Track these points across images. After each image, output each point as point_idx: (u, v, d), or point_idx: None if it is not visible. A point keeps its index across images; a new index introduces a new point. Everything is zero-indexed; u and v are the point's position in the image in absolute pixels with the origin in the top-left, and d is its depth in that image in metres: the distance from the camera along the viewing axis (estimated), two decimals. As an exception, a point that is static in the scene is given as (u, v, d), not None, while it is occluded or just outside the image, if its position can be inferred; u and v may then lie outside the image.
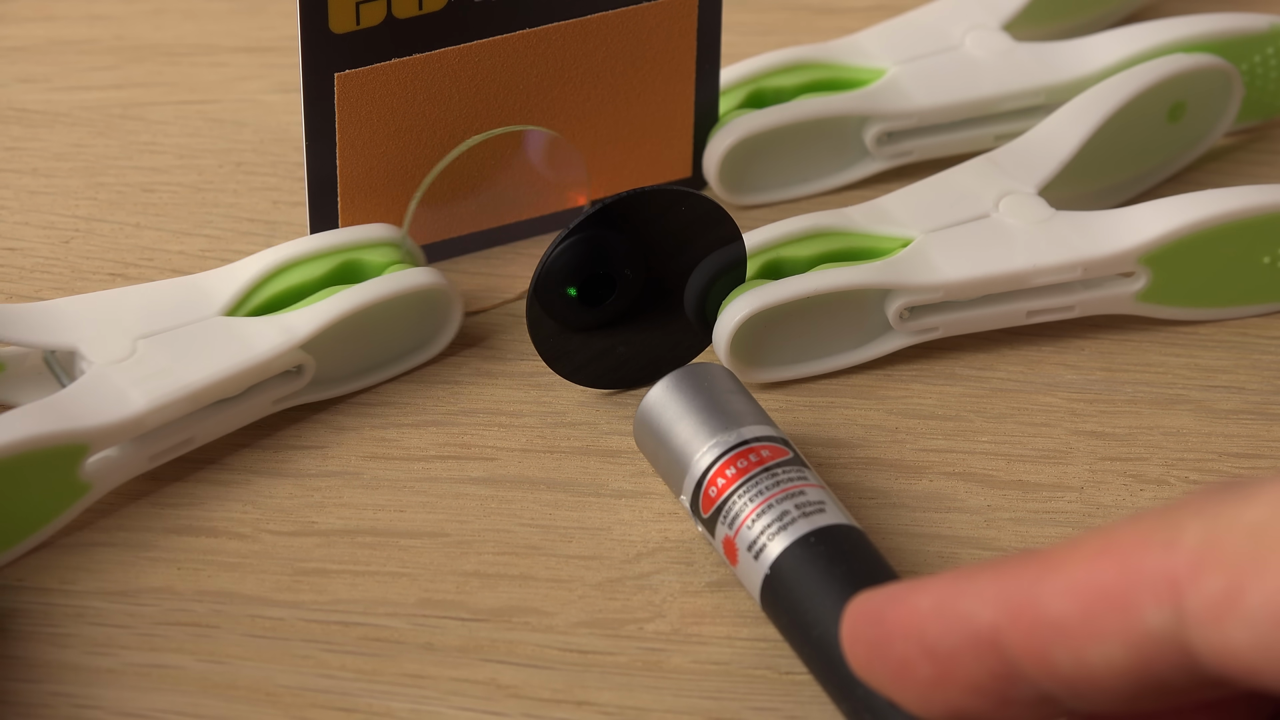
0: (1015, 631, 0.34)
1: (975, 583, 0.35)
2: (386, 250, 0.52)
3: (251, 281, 0.51)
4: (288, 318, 0.50)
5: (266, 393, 0.50)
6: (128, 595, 0.47)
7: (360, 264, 0.52)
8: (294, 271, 0.52)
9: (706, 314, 0.52)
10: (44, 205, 0.58)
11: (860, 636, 0.37)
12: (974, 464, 0.50)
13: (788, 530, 0.44)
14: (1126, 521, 0.34)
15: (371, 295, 0.51)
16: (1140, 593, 0.33)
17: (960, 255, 0.52)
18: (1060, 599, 0.34)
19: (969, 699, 0.35)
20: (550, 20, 0.53)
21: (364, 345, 0.52)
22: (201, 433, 0.49)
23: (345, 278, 0.52)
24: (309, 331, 0.50)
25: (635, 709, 0.44)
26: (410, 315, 0.52)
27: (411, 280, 0.51)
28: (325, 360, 0.51)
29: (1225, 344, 0.54)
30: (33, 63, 0.63)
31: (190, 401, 0.48)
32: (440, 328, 0.53)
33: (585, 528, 0.49)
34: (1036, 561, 0.35)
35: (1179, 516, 0.33)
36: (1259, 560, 0.31)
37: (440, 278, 0.52)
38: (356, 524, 0.49)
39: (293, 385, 0.51)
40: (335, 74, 0.52)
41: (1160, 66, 0.57)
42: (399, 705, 0.44)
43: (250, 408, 0.50)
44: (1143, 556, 0.33)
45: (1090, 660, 0.33)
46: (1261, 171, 0.60)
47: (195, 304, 0.51)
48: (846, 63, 0.59)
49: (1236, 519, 0.32)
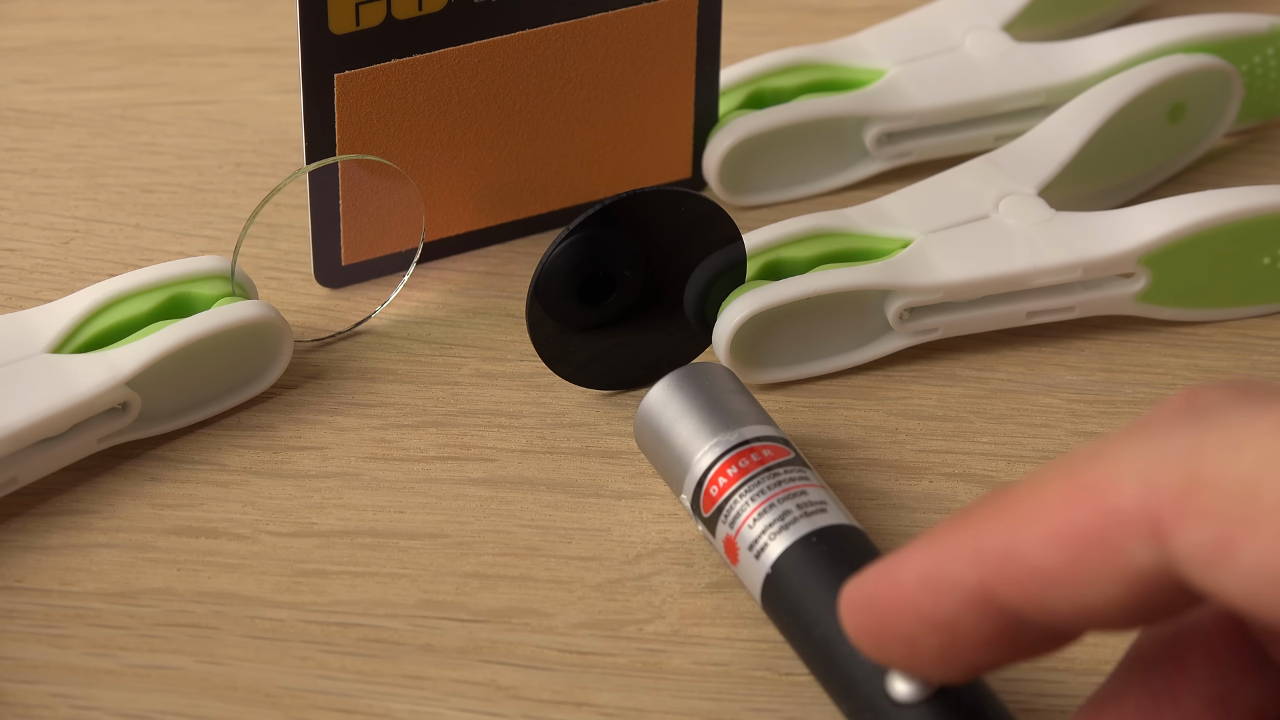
0: (1005, 585, 0.34)
1: (951, 545, 0.35)
2: (216, 283, 0.51)
3: (78, 318, 0.50)
4: (112, 354, 0.49)
5: (91, 431, 0.49)
6: (127, 596, 0.47)
7: (189, 297, 0.51)
8: (121, 307, 0.50)
9: (706, 314, 0.52)
10: (44, 206, 0.58)
11: (862, 627, 0.37)
12: (974, 465, 0.50)
13: (789, 530, 0.44)
14: (1086, 454, 0.34)
15: (198, 330, 0.50)
16: (1122, 532, 0.33)
17: (960, 256, 0.52)
18: (1043, 549, 0.34)
19: (985, 654, 0.36)
20: (550, 20, 0.53)
21: (192, 380, 0.51)
22: (25, 472, 0.48)
23: (174, 312, 0.51)
24: (134, 368, 0.49)
25: (635, 710, 0.44)
26: (239, 349, 0.51)
27: (240, 314, 0.50)
28: (152, 397, 0.50)
29: (1225, 345, 0.54)
30: (33, 63, 0.63)
31: (11, 442, 0.47)
32: (271, 361, 0.52)
33: (585, 529, 0.49)
34: (1006, 509, 0.34)
35: (1148, 448, 0.33)
36: (1250, 517, 0.31)
37: (270, 311, 0.51)
38: (356, 525, 0.49)
39: (119, 423, 0.49)
40: (335, 74, 0.52)
41: (1160, 67, 0.57)
42: (398, 706, 0.44)
43: (75, 446, 0.49)
44: (1117, 495, 0.33)
45: (1087, 600, 0.33)
46: (1261, 172, 0.60)
47: (19, 341, 0.49)
48: (846, 63, 0.59)
49: (1221, 465, 0.32)
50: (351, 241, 0.54)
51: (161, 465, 0.50)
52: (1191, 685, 0.36)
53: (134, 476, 0.50)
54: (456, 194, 0.55)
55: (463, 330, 0.54)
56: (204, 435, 0.51)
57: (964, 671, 0.36)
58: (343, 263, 0.55)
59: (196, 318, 0.50)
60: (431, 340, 0.54)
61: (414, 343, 0.54)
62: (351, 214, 0.54)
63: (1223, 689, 0.36)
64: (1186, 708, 0.36)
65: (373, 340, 0.54)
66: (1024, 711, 0.44)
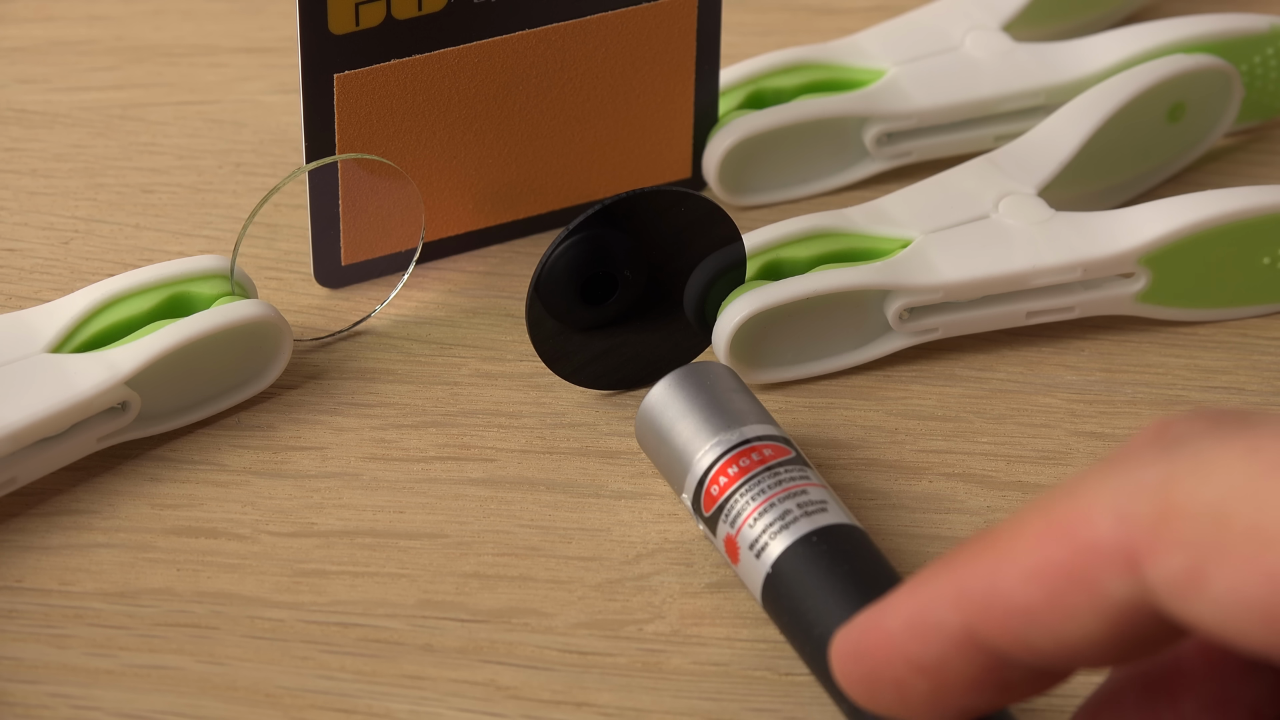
0: (987, 626, 0.34)
1: (934, 588, 0.35)
2: (215, 282, 0.51)
3: (77, 317, 0.50)
4: (112, 354, 0.49)
5: (91, 430, 0.49)
6: (127, 596, 0.47)
7: (189, 297, 0.51)
8: (121, 306, 0.50)
9: (706, 315, 0.52)
10: (44, 206, 0.58)
11: (851, 674, 0.37)
12: (974, 465, 0.50)
13: (790, 529, 0.44)
14: (1063, 491, 0.34)
15: (198, 329, 0.50)
16: (1098, 568, 0.33)
17: (960, 256, 0.52)
18: (1021, 586, 0.34)
19: (973, 697, 0.36)
20: (550, 20, 0.53)
21: (192, 380, 0.50)
22: (24, 472, 0.48)
23: (173, 311, 0.51)
24: (133, 367, 0.49)
25: (635, 710, 0.44)
26: (239, 348, 0.51)
27: (240, 313, 0.50)
28: (151, 396, 0.50)
29: (1225, 345, 0.54)
30: (33, 63, 0.63)
31: (10, 441, 0.47)
32: (270, 360, 0.51)
33: (585, 529, 0.49)
34: (986, 551, 0.35)
35: (1121, 480, 0.33)
36: (1221, 545, 0.31)
37: (269, 310, 0.51)
38: (356, 525, 0.49)
39: (118, 422, 0.49)
40: (335, 75, 0.51)
41: (1160, 67, 0.57)
42: (398, 706, 0.44)
43: (75, 446, 0.49)
44: (1092, 529, 0.33)
45: (1068, 637, 0.33)
46: (1261, 172, 0.60)
47: (18, 341, 0.49)
48: (846, 63, 0.59)
49: (1191, 494, 0.32)
50: (351, 241, 0.54)
51: (161, 465, 0.50)
52: (1189, 686, 0.36)
53: (134, 476, 0.50)
54: (456, 194, 0.55)
55: (463, 330, 0.54)
56: (204, 435, 0.51)
57: (956, 714, 0.36)
58: (342, 263, 0.55)
59: (196, 317, 0.50)
60: (431, 340, 0.54)
61: (414, 343, 0.54)
62: (351, 214, 0.54)
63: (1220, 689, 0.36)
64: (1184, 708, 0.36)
65: (372, 340, 0.54)
66: (1024, 711, 0.44)
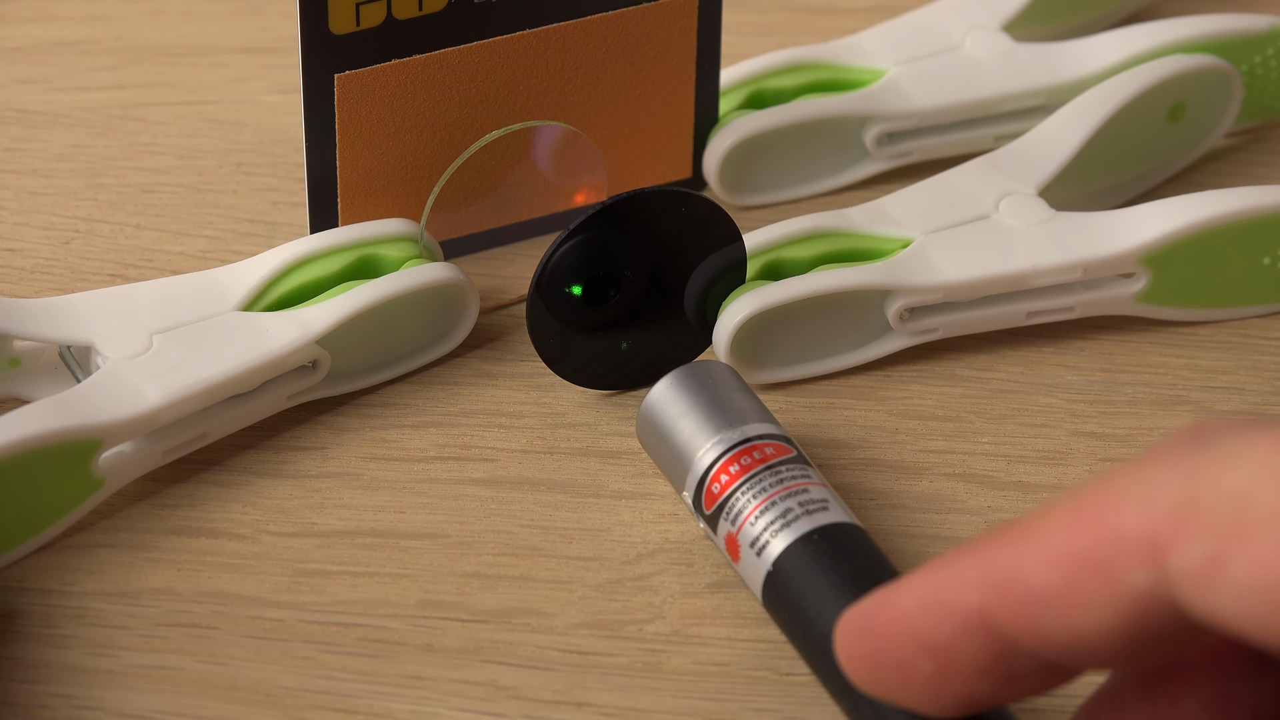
0: (1003, 609, 0.34)
1: (955, 569, 0.35)
2: (404, 245, 0.52)
3: (267, 277, 0.51)
4: (303, 313, 0.50)
5: (281, 388, 0.50)
6: (128, 596, 0.47)
7: (377, 259, 0.52)
8: (310, 267, 0.51)
9: (706, 315, 0.52)
10: (44, 206, 0.58)
11: (855, 651, 0.37)
12: (974, 465, 0.50)
13: (790, 528, 0.44)
14: (1094, 482, 0.34)
15: (388, 290, 0.51)
16: (1121, 555, 0.33)
17: (960, 256, 0.52)
18: (1042, 570, 0.34)
19: (975, 684, 0.36)
20: (550, 20, 0.53)
21: (379, 341, 0.52)
22: (215, 428, 0.49)
23: (362, 273, 0.52)
24: (325, 326, 0.50)
25: (635, 710, 0.44)
26: (426, 311, 0.52)
27: (428, 275, 0.51)
28: (341, 356, 0.51)
29: (1225, 345, 0.54)
30: (33, 63, 0.63)
31: (205, 397, 0.48)
32: (456, 323, 0.53)
33: (585, 529, 0.49)
34: (1011, 536, 0.35)
35: (1151, 473, 0.33)
36: (1241, 530, 0.31)
37: (458, 273, 0.52)
38: (356, 525, 0.49)
39: (308, 380, 0.50)
40: (335, 75, 0.52)
41: (1160, 67, 0.57)
42: (399, 706, 0.44)
43: (264, 403, 0.50)
44: (1119, 518, 0.33)
45: (1081, 626, 0.33)
46: (1261, 172, 0.60)
47: (211, 299, 0.50)
48: (846, 63, 0.59)
49: (1216, 482, 0.32)
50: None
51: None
52: (1191, 686, 0.36)
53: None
54: (470, 192, 0.55)
55: (463, 330, 0.54)
56: (204, 435, 0.51)
57: (954, 703, 0.36)
58: None
59: (387, 278, 0.51)
60: (432, 340, 0.54)
61: (414, 343, 0.54)
62: (351, 214, 0.54)
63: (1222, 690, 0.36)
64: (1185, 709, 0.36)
65: (373, 340, 0.54)
66: (1024, 711, 0.44)
